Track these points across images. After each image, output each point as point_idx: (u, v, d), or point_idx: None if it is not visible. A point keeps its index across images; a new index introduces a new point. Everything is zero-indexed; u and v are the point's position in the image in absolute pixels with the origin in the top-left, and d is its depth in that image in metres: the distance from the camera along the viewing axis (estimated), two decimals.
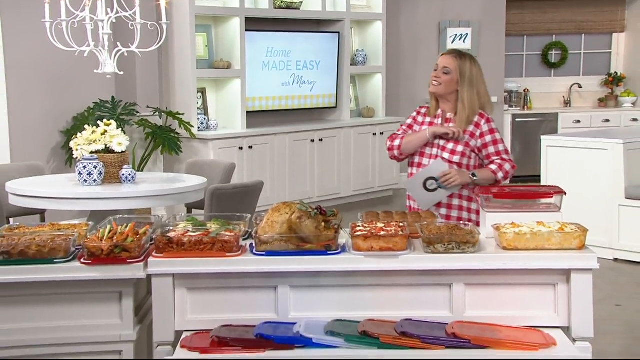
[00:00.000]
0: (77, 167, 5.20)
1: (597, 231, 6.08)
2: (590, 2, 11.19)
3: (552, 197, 3.43)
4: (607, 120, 10.81)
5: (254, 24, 8.52)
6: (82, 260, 3.03)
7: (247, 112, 8.47)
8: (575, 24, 11.25)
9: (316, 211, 3.14)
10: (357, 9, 9.53)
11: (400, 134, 4.12)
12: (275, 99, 8.92)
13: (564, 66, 11.42)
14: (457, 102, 3.99)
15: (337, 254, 3.06)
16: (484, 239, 3.21)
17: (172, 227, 3.23)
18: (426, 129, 4.01)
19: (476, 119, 3.97)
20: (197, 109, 8.19)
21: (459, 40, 10.33)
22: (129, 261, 3.02)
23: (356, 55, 9.62)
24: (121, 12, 5.21)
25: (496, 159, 3.95)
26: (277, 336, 2.93)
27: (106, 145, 5.27)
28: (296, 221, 3.05)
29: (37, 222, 5.57)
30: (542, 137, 7.36)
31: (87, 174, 5.15)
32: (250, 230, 3.30)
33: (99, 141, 5.27)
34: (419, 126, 4.10)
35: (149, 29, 5.45)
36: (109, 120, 5.53)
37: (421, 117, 4.13)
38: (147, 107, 8.02)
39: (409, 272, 3.06)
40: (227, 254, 3.04)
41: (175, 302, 3.06)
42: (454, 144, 3.94)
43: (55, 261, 3.03)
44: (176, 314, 3.06)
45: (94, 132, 5.32)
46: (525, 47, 11.40)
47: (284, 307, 3.08)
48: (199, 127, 8.10)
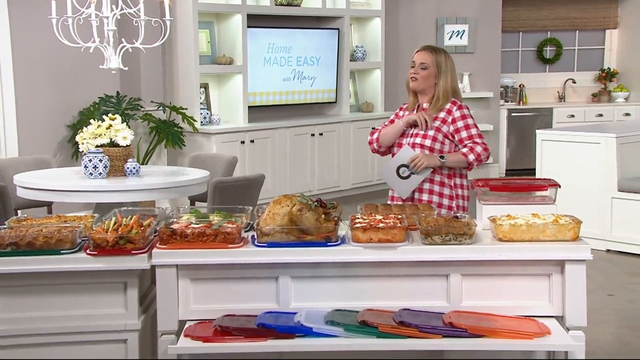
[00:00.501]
0: (83, 160, 5.24)
1: (590, 223, 6.09)
2: None
3: (546, 189, 3.47)
4: (601, 114, 10.87)
5: (256, 20, 8.55)
6: (87, 251, 3.07)
7: (248, 106, 8.50)
8: (569, 21, 11.29)
9: (316, 204, 3.17)
10: (356, 6, 9.56)
11: (380, 129, 4.20)
12: (276, 94, 8.96)
13: (558, 62, 11.45)
14: (434, 94, 4.05)
15: (337, 245, 3.09)
16: (480, 230, 3.25)
17: (175, 219, 3.26)
18: (399, 120, 4.09)
19: (448, 105, 4.02)
20: (200, 103, 8.23)
21: (456, 36, 10.37)
22: (133, 252, 3.05)
23: (355, 51, 9.65)
24: (126, 9, 5.24)
25: (468, 143, 3.99)
26: (278, 325, 2.96)
27: (111, 139, 5.31)
28: (297, 213, 3.09)
29: (44, 214, 5.62)
30: (537, 131, 7.41)
31: (93, 167, 5.19)
32: (251, 222, 3.33)
33: (104, 135, 5.31)
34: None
35: (153, 25, 5.49)
36: (114, 114, 5.57)
37: (402, 112, 4.18)
38: (151, 101, 8.07)
39: (407, 263, 3.10)
40: (230, 246, 3.07)
41: (178, 292, 3.09)
42: (425, 129, 3.99)
43: (61, 252, 3.07)
44: (180, 304, 3.10)
45: (99, 126, 5.35)
46: (520, 43, 11.44)
47: (284, 297, 3.12)
48: (201, 122, 8.14)
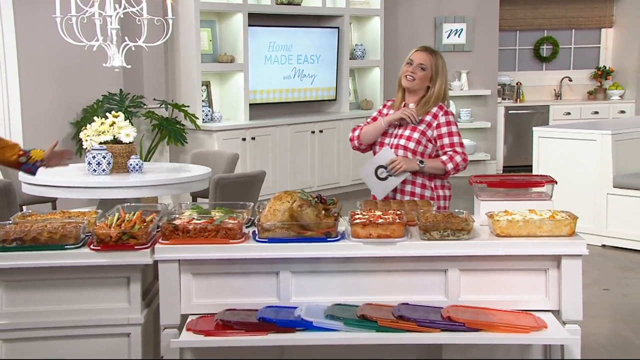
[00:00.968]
0: (87, 157, 5.28)
1: (586, 219, 6.16)
2: None
3: (543, 186, 3.49)
4: (596, 112, 10.91)
5: (257, 19, 8.58)
6: (91, 246, 3.09)
7: (249, 104, 8.53)
8: (565, 20, 11.32)
9: (316, 200, 3.20)
10: (356, 5, 9.58)
11: (362, 126, 4.14)
12: (277, 91, 8.99)
13: (554, 60, 11.48)
14: (424, 95, 3.99)
15: (337, 240, 3.11)
16: (478, 226, 3.27)
17: (177, 215, 3.29)
18: (381, 118, 4.03)
19: (434, 109, 3.96)
20: (202, 101, 8.26)
21: (454, 35, 10.40)
22: (136, 247, 3.08)
23: (355, 49, 9.68)
24: (129, 8, 5.28)
25: (449, 150, 3.92)
26: (278, 320, 2.99)
27: (114, 136, 5.35)
28: (297, 209, 3.11)
29: (49, 209, 5.66)
30: (534, 128, 7.43)
31: (96, 164, 5.23)
32: (253, 218, 3.36)
33: (108, 132, 5.35)
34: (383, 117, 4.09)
35: (156, 24, 5.53)
36: (117, 112, 5.61)
37: (386, 110, 4.12)
38: (154, 99, 8.11)
39: (406, 258, 3.12)
40: (231, 241, 3.10)
41: (181, 287, 3.12)
42: (410, 130, 3.94)
43: (65, 247, 3.10)
44: (182, 298, 3.12)
45: (102, 123, 5.39)
46: (517, 41, 11.46)
47: (285, 292, 3.14)
48: (203, 119, 8.17)
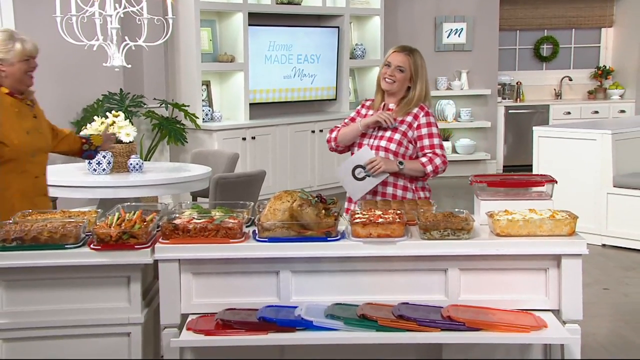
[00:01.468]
0: None
1: (586, 218, 6.17)
2: None
3: (543, 185, 3.49)
4: (596, 111, 10.92)
5: (257, 19, 8.58)
6: (91, 246, 3.09)
7: (250, 104, 8.54)
8: (565, 19, 11.33)
9: (316, 199, 3.20)
10: (356, 5, 9.59)
11: (340, 127, 4.10)
12: (277, 91, 8.99)
13: (555, 60, 11.50)
14: (404, 96, 3.96)
15: (337, 240, 3.11)
16: (478, 226, 3.26)
17: (177, 215, 3.28)
18: (359, 120, 3.99)
19: (415, 110, 3.93)
20: (202, 101, 8.27)
21: (454, 34, 10.41)
22: (136, 247, 3.07)
23: (355, 49, 9.69)
24: (129, 8, 5.28)
25: (428, 152, 3.89)
26: (279, 319, 2.98)
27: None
28: (297, 209, 3.11)
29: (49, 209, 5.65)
30: (534, 128, 7.44)
31: (97, 164, 5.24)
32: (253, 217, 3.36)
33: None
34: (361, 119, 4.04)
35: (156, 23, 5.53)
36: (117, 111, 5.61)
37: (365, 110, 4.09)
38: (154, 99, 8.11)
39: (406, 258, 3.12)
40: (231, 240, 3.09)
41: (181, 287, 3.12)
42: (391, 132, 3.91)
43: (66, 247, 3.09)
44: (182, 298, 3.12)
45: (102, 123, 5.39)
46: (517, 41, 11.47)
47: (285, 291, 3.14)
48: (203, 119, 8.17)
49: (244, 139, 8.19)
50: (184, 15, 8.00)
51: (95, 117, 5.53)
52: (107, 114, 5.53)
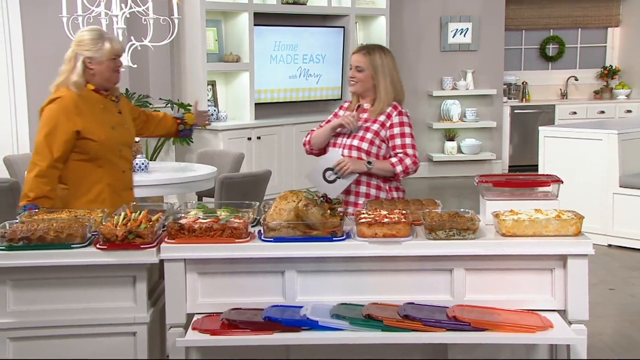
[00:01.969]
0: None
1: (592, 218, 6.14)
2: None
3: (549, 185, 3.48)
4: (602, 111, 10.91)
5: (262, 19, 8.60)
6: (97, 245, 3.10)
7: (255, 104, 8.56)
8: (571, 19, 11.32)
9: (322, 199, 3.20)
10: (361, 5, 9.60)
11: (315, 130, 4.09)
12: (282, 91, 9.00)
13: (561, 59, 11.50)
14: (376, 95, 3.95)
15: (342, 240, 3.11)
16: (483, 225, 3.27)
17: (183, 214, 3.29)
18: (327, 123, 3.99)
19: (389, 109, 3.91)
20: (208, 100, 8.28)
21: (460, 34, 10.40)
22: (142, 247, 3.08)
23: None
24: (135, 8, 5.30)
25: (399, 152, 3.86)
26: (284, 319, 2.98)
27: None
28: (303, 209, 3.12)
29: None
30: (540, 128, 7.44)
31: None
32: (258, 217, 3.36)
33: None
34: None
35: (161, 23, 5.55)
36: None
37: (342, 112, 4.08)
38: (160, 99, 8.13)
39: (412, 258, 3.12)
40: (237, 240, 3.10)
41: (186, 286, 3.12)
42: (363, 131, 3.90)
43: (72, 246, 3.10)
44: (188, 298, 3.13)
45: None
46: (523, 41, 11.47)
47: (291, 291, 3.14)
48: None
49: (250, 139, 8.20)
50: (190, 15, 8.01)
51: None
52: None
